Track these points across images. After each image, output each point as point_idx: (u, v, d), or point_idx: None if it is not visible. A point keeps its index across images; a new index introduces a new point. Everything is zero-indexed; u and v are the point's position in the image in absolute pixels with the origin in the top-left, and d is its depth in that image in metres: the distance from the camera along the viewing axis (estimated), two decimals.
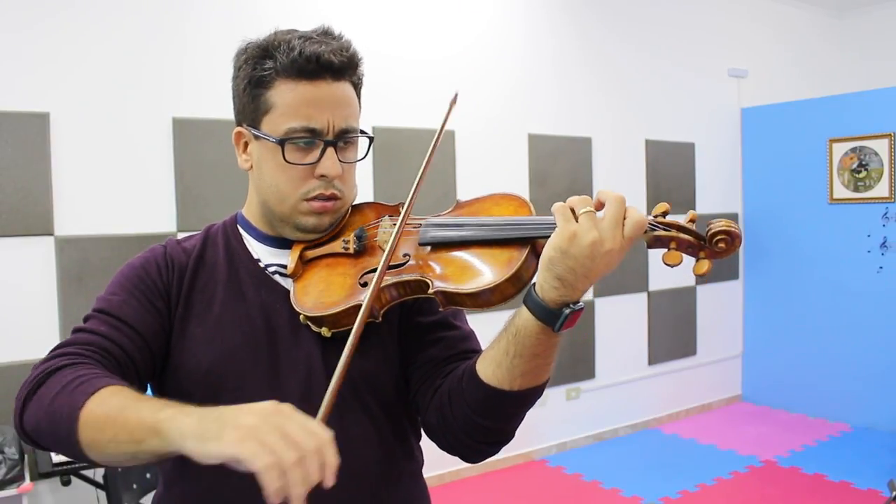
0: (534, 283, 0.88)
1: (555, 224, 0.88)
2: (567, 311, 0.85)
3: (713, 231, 0.87)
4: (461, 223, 0.99)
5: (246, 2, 3.33)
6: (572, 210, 0.86)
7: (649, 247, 0.89)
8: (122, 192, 3.04)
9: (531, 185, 4.26)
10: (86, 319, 1.01)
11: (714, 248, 0.87)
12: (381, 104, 3.55)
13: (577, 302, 0.86)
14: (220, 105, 3.17)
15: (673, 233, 0.88)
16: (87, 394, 0.85)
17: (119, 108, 3.03)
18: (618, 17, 4.69)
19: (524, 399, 0.94)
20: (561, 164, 4.39)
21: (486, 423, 0.96)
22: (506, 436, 1.00)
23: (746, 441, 4.56)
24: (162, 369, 1.04)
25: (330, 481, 0.73)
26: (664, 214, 0.89)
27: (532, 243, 0.93)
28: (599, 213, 0.85)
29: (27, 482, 2.48)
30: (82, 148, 2.95)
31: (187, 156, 3.17)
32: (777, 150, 5.21)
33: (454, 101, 1.08)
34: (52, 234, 2.89)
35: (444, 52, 3.93)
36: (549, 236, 0.89)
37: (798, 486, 3.84)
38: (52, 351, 0.96)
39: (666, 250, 0.88)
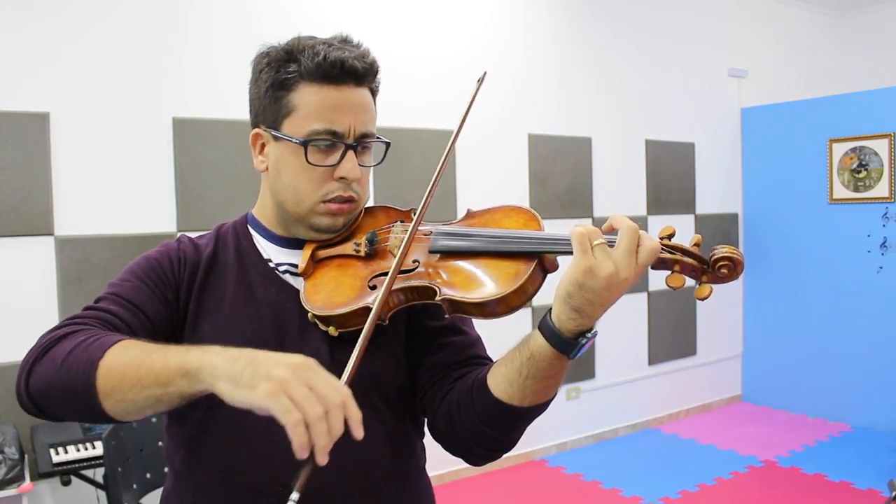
0: (549, 311, 0.90)
1: (562, 240, 0.90)
2: (583, 340, 0.88)
3: (717, 257, 0.88)
4: (471, 234, 1.01)
5: (246, 2, 3.33)
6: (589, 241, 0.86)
7: (653, 268, 0.91)
8: (122, 192, 3.04)
9: (531, 185, 4.26)
10: (96, 301, 1.04)
11: (716, 273, 0.89)
12: (380, 104, 3.53)
13: (591, 329, 0.89)
14: (220, 105, 3.19)
15: (678, 256, 0.90)
16: (105, 346, 0.87)
17: (119, 107, 3.03)
18: (618, 17, 4.69)
19: (531, 414, 0.99)
20: (561, 164, 4.39)
21: (492, 433, 1.00)
22: (509, 444, 1.03)
23: (746, 441, 4.56)
24: None
25: (358, 434, 0.78)
26: (670, 237, 0.91)
27: (539, 258, 0.94)
28: (610, 237, 0.87)
29: (27, 482, 2.48)
30: (82, 148, 2.95)
31: (187, 156, 3.17)
32: (777, 150, 5.21)
33: (482, 79, 1.09)
34: (52, 234, 2.89)
35: (444, 52, 3.93)
36: (556, 252, 0.93)
37: (798, 486, 3.84)
38: (60, 322, 0.98)
39: (669, 272, 0.90)
